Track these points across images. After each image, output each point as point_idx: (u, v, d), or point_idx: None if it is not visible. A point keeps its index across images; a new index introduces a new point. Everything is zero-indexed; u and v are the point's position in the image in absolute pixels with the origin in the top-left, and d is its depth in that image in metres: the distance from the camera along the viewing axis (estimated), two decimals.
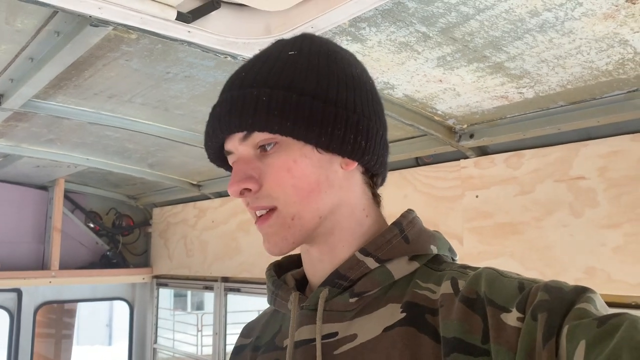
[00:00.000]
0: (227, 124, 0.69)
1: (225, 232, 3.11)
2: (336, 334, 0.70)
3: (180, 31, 1.22)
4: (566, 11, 1.12)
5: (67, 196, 3.61)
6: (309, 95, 0.68)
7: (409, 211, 0.78)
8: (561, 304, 0.55)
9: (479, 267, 0.68)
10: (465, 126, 1.85)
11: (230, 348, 2.96)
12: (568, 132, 1.66)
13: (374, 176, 0.77)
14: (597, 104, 1.53)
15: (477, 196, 1.90)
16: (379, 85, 1.59)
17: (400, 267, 0.71)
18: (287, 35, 1.22)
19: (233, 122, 0.68)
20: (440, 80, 1.52)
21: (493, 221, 1.84)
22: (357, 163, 0.73)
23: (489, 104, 1.65)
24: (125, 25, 1.19)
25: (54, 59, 1.45)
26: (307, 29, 1.20)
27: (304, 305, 0.73)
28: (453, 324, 0.61)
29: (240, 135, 0.70)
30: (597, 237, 1.57)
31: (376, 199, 0.78)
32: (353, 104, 0.71)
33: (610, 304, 1.52)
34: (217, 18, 1.21)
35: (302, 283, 0.81)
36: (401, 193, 2.12)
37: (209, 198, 3.28)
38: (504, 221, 1.80)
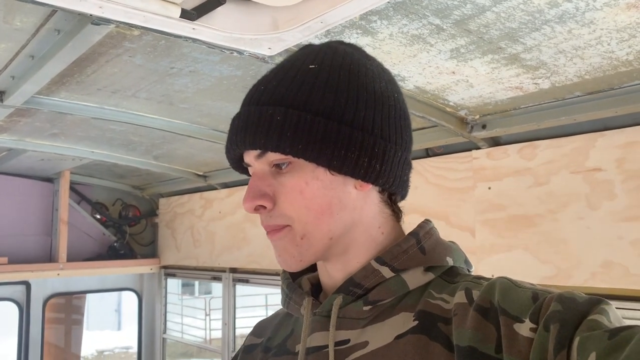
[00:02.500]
0: (242, 140, 0.68)
1: (232, 223, 3.09)
2: (348, 341, 0.70)
3: (185, 28, 1.18)
4: (587, 1, 1.07)
5: (73, 188, 3.58)
6: (324, 116, 0.66)
7: (426, 221, 0.77)
8: (574, 315, 0.54)
9: (493, 278, 0.68)
10: (477, 117, 1.80)
11: (239, 339, 2.96)
12: (584, 123, 1.61)
13: (392, 194, 0.76)
14: (615, 94, 1.48)
15: (489, 188, 1.86)
16: None
17: (415, 278, 0.70)
18: (296, 31, 1.18)
19: (247, 140, 0.68)
20: (453, 72, 1.47)
21: (506, 213, 1.80)
22: (371, 185, 0.71)
23: (503, 94, 1.60)
24: (127, 24, 1.15)
25: (55, 57, 1.41)
26: (317, 24, 1.15)
27: (317, 312, 0.73)
28: (467, 332, 0.61)
29: (255, 152, 0.69)
30: (615, 230, 1.53)
31: (396, 214, 0.77)
32: (371, 124, 0.68)
33: (628, 299, 1.51)
34: (223, 14, 1.16)
35: (317, 287, 0.81)
36: (411, 185, 2.08)
37: (215, 189, 3.25)
38: (518, 213, 1.76)
